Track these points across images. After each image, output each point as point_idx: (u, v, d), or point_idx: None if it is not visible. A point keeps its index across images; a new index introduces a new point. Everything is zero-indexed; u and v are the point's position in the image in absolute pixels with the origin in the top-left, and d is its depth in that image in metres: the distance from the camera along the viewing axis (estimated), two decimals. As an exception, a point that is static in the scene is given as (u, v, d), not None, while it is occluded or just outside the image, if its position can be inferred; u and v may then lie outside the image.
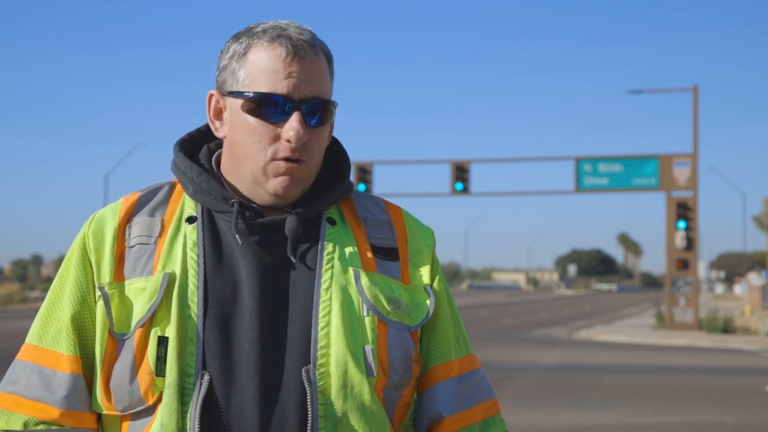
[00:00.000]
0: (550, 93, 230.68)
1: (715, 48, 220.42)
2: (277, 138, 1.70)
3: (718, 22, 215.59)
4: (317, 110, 1.72)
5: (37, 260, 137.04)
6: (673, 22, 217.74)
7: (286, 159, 1.70)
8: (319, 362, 1.64)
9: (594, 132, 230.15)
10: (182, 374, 1.63)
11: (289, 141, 1.69)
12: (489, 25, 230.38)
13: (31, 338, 1.74)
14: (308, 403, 1.62)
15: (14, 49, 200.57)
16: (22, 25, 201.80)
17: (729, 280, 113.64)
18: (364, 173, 34.02)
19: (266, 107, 1.70)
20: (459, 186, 32.98)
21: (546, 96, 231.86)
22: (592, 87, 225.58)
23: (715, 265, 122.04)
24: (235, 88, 1.73)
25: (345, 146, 1.89)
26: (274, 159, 1.70)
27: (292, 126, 1.69)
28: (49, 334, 1.72)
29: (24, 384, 1.70)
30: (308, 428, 1.61)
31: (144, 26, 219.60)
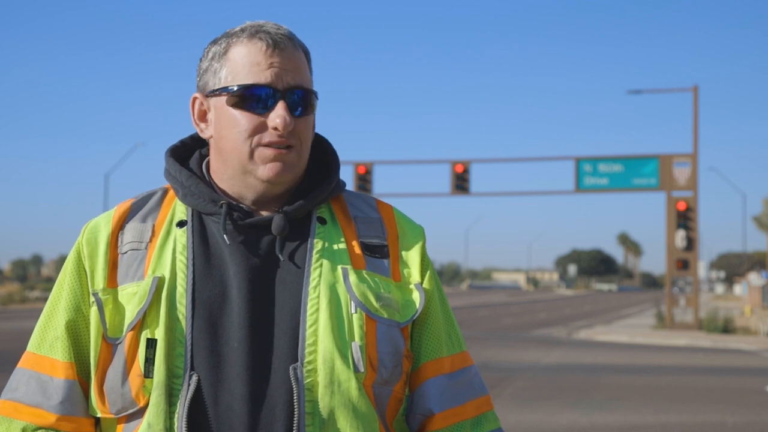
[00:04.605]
0: (550, 93, 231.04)
1: (715, 48, 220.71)
2: (262, 127, 1.72)
3: (718, 22, 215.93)
4: (301, 100, 1.74)
5: (37, 260, 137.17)
6: (673, 22, 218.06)
7: (274, 145, 1.71)
8: (306, 360, 1.66)
9: (594, 132, 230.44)
10: (170, 375, 1.65)
11: (275, 129, 1.70)
12: (488, 25, 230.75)
13: (30, 346, 1.78)
14: (295, 401, 1.64)
15: (14, 49, 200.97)
16: (22, 25, 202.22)
17: (729, 280, 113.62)
18: (365, 173, 34.00)
19: (250, 98, 1.72)
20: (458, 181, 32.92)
21: (546, 96, 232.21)
22: (592, 87, 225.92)
23: (715, 265, 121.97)
24: (218, 86, 1.75)
25: (345, 146, 1.95)
26: (260, 145, 1.72)
27: (278, 114, 1.70)
28: (47, 342, 1.76)
29: (23, 391, 1.74)
30: (295, 425, 1.63)
31: (144, 26, 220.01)
